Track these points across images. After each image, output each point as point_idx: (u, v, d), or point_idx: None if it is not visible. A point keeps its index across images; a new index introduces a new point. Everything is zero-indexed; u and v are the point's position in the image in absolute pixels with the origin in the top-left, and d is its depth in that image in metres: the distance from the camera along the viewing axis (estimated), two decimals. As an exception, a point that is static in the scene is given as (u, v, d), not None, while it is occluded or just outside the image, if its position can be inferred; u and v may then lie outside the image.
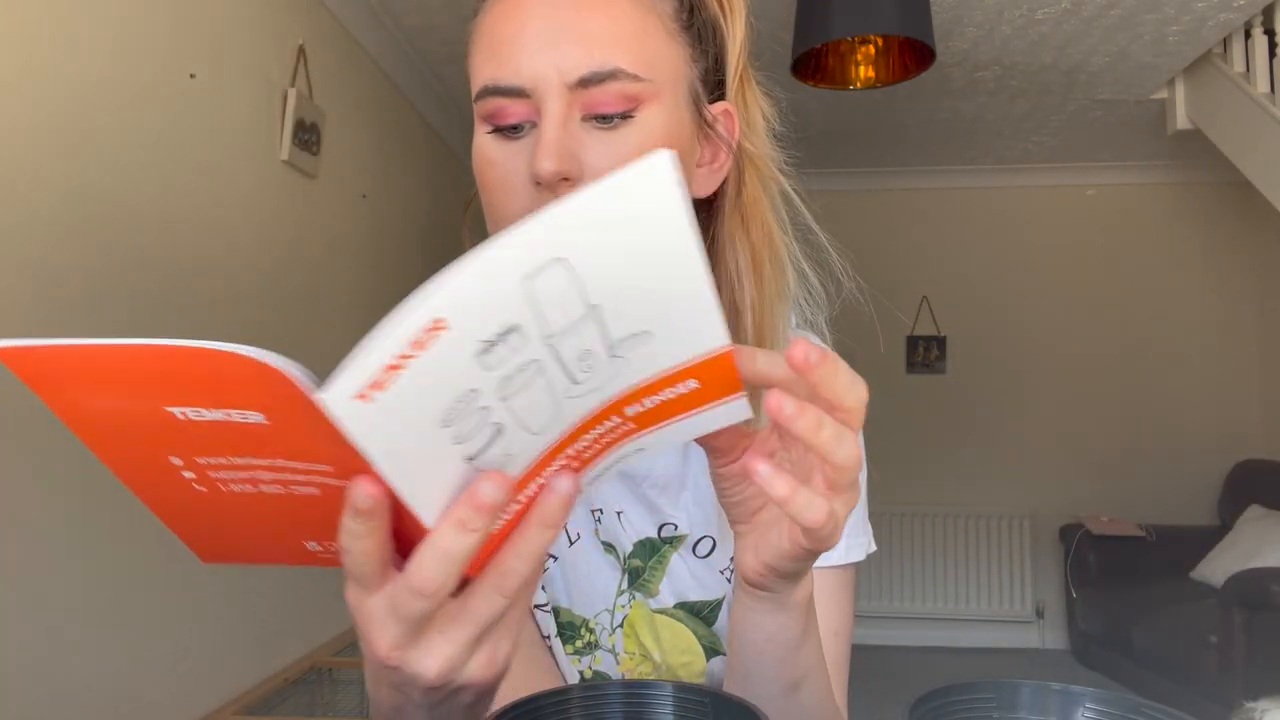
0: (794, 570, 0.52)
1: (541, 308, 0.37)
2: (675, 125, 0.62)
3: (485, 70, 0.61)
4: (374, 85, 3.21)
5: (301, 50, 2.59)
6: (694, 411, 0.44)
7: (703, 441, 0.50)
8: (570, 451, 0.43)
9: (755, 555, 0.52)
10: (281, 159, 2.52)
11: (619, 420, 0.43)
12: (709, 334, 0.41)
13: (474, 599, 0.42)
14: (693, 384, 0.43)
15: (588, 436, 0.43)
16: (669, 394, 0.43)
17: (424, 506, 0.39)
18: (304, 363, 0.38)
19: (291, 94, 2.52)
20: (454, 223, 3.88)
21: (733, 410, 0.45)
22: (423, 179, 3.69)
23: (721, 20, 0.67)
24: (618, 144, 0.60)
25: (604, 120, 0.60)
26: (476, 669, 0.43)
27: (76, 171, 1.75)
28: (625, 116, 0.60)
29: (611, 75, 0.59)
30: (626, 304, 0.39)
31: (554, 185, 0.59)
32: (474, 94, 0.62)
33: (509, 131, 0.61)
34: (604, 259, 0.37)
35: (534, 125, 0.60)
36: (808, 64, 2.34)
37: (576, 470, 0.44)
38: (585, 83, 0.59)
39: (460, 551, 0.39)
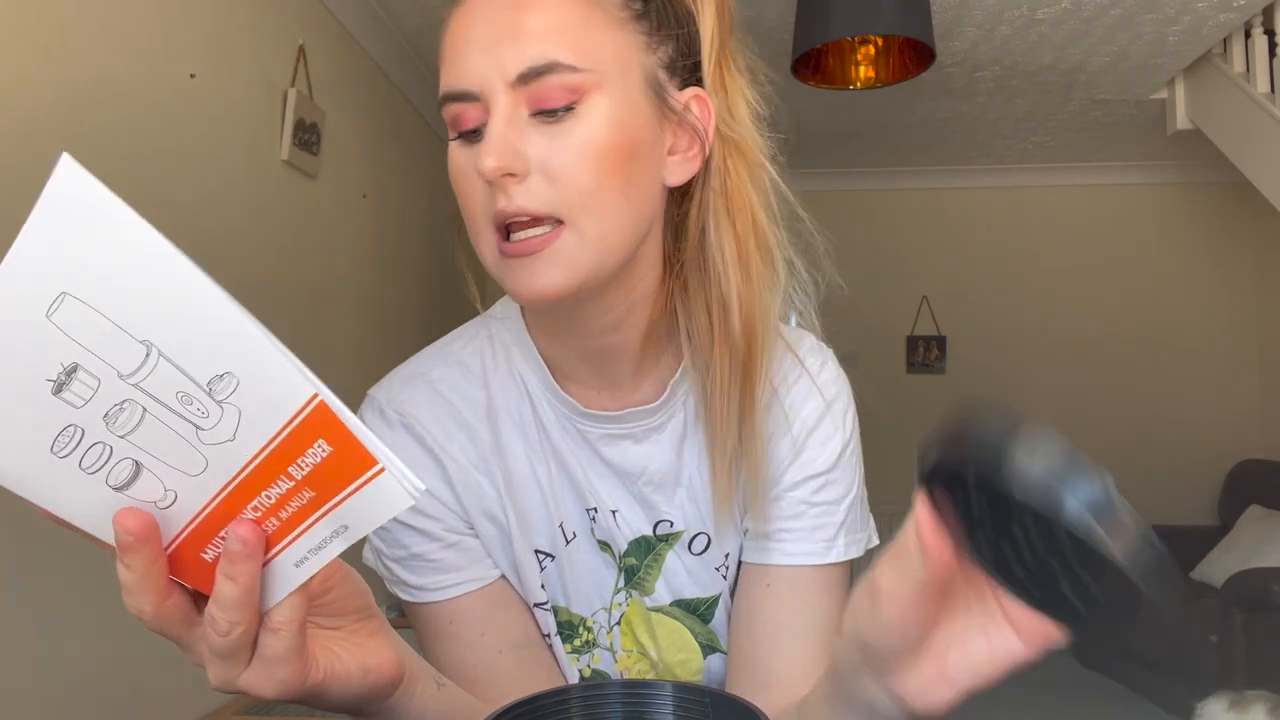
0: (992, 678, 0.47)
1: (88, 345, 0.36)
2: (625, 113, 0.62)
3: (443, 79, 0.63)
4: (374, 85, 3.21)
5: (301, 50, 2.59)
6: (353, 488, 0.38)
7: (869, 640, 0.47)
8: (261, 504, 0.41)
9: (950, 684, 0.47)
10: (281, 159, 2.52)
11: (290, 482, 0.40)
12: (286, 382, 0.36)
13: (206, 638, 0.44)
14: (325, 446, 0.38)
15: (270, 493, 0.40)
16: (314, 456, 0.38)
17: (95, 529, 0.42)
18: (305, 362, 0.38)
19: (291, 94, 2.51)
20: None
21: (385, 491, 0.38)
22: (423, 179, 3.69)
23: (690, 2, 0.66)
24: (561, 136, 0.60)
25: (548, 114, 0.60)
26: (251, 685, 0.46)
27: (77, 171, 1.75)
28: (568, 109, 0.60)
29: (549, 68, 0.59)
30: (178, 337, 0.36)
31: (500, 183, 0.60)
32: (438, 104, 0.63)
33: (469, 136, 0.62)
34: (104, 287, 0.35)
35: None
36: (808, 64, 2.34)
37: (282, 527, 0.42)
38: (524, 78, 0.59)
39: (126, 582, 0.43)
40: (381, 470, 0.37)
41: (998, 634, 0.45)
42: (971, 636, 0.46)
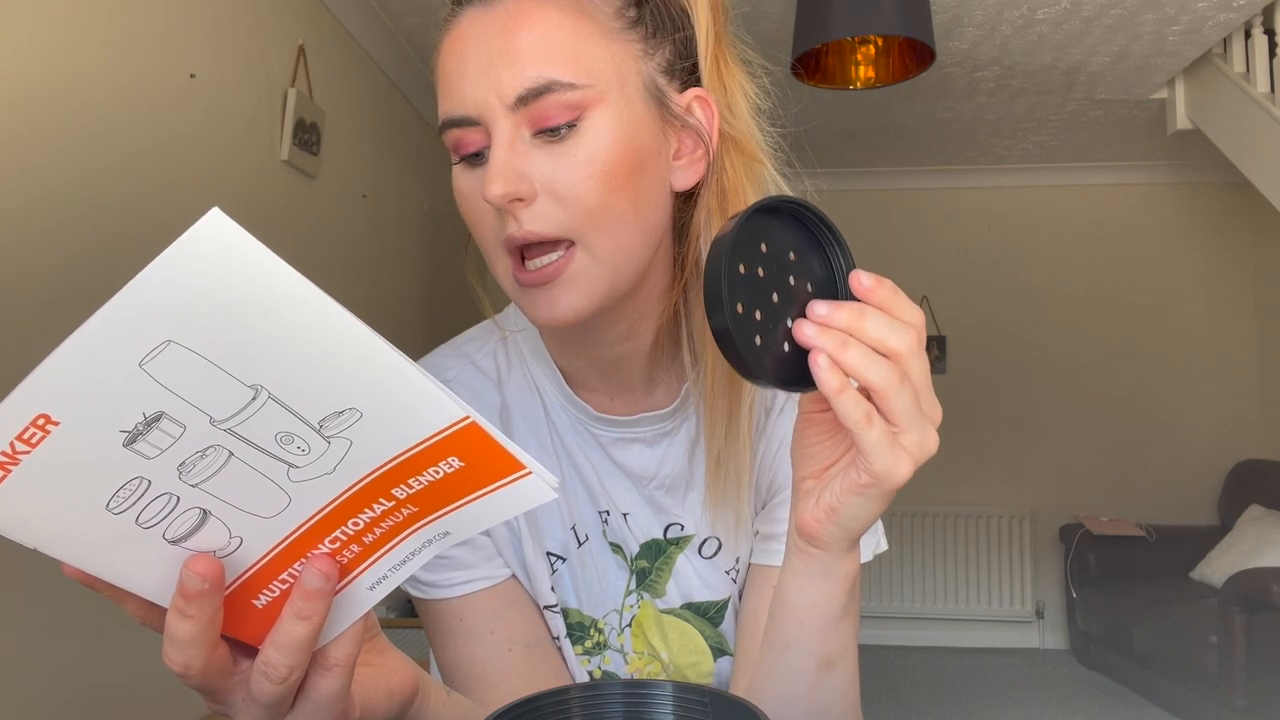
0: (854, 515, 0.51)
1: (182, 392, 0.35)
2: (628, 125, 0.61)
3: (441, 105, 0.62)
4: (374, 85, 3.21)
5: (301, 50, 2.59)
6: (483, 492, 0.40)
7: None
8: (342, 534, 0.41)
9: (816, 502, 0.52)
10: (281, 159, 2.52)
11: (390, 503, 0.41)
12: (432, 406, 0.37)
13: (251, 685, 0.42)
14: (456, 462, 0.39)
15: (360, 519, 0.41)
16: (434, 473, 0.40)
17: (138, 586, 0.40)
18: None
19: (291, 94, 2.51)
20: (454, 223, 3.87)
21: (528, 489, 0.40)
22: (423, 179, 3.69)
23: (684, 1, 0.66)
24: (565, 155, 0.60)
25: (550, 133, 0.59)
26: None
27: (76, 171, 1.75)
28: (570, 126, 0.59)
29: (546, 88, 0.58)
30: (299, 381, 0.36)
31: (508, 208, 0.59)
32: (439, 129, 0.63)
33: (472, 159, 0.62)
34: (221, 333, 0.34)
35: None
36: (808, 64, 2.34)
37: (363, 552, 0.42)
38: (523, 100, 0.59)
39: (184, 635, 0.40)
40: (528, 473, 0.39)
41: (857, 466, 0.50)
42: (841, 475, 0.52)
